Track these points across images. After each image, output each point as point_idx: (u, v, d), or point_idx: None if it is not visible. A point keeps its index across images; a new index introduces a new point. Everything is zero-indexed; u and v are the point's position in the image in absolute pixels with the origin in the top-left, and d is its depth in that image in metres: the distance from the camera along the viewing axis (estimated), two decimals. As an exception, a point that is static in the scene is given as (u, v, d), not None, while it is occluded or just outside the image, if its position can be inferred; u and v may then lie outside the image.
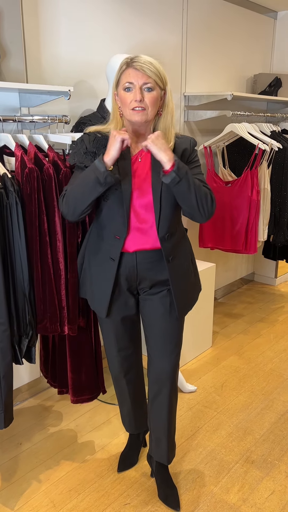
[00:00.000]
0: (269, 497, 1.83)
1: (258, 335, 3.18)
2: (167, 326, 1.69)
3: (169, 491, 1.83)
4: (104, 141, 1.52)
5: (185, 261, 1.67)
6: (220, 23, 3.17)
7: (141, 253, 1.58)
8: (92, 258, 1.67)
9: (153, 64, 1.42)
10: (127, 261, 1.59)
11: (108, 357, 1.83)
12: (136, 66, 1.41)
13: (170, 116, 1.51)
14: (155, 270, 1.61)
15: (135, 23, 2.56)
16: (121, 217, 1.53)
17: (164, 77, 1.46)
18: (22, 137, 1.82)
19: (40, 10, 2.10)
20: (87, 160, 1.53)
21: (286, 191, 3.02)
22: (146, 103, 1.43)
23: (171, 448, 1.83)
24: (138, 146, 1.56)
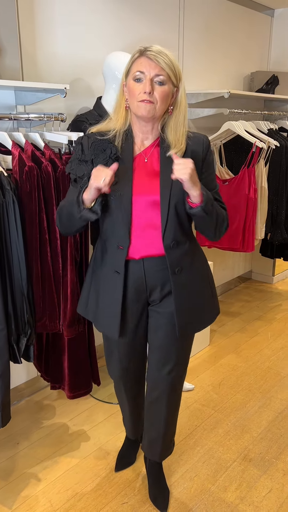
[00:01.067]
0: (267, 495, 1.83)
1: (255, 333, 3.18)
2: (169, 344, 1.56)
3: (158, 492, 1.78)
4: (102, 145, 1.41)
5: (198, 277, 1.53)
6: (217, 21, 3.16)
7: (149, 260, 1.45)
8: (98, 274, 1.54)
9: (168, 56, 1.31)
10: (134, 270, 1.47)
11: (109, 365, 1.72)
12: (149, 55, 1.30)
13: (183, 116, 1.40)
14: (165, 279, 1.48)
15: (132, 20, 2.55)
16: (123, 223, 1.41)
17: (178, 72, 1.35)
18: (18, 135, 1.81)
19: (36, 7, 2.09)
20: (80, 170, 1.42)
21: (283, 189, 3.02)
22: (155, 97, 1.32)
23: (165, 448, 1.77)
24: (144, 143, 1.45)
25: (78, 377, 2.04)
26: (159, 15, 2.71)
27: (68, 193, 1.50)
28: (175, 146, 1.41)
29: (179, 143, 1.41)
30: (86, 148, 1.43)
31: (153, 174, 1.43)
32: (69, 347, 2.00)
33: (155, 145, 1.45)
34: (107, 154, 1.40)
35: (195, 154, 1.43)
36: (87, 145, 1.43)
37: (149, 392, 1.68)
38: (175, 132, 1.41)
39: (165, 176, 1.40)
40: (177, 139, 1.41)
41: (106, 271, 1.51)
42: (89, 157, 1.41)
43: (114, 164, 1.31)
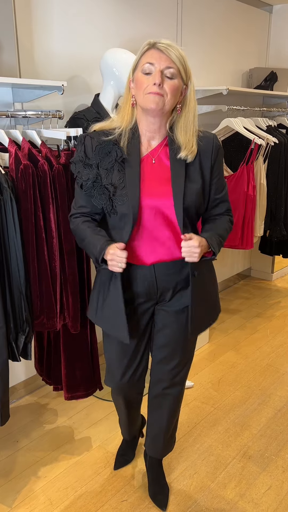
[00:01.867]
0: (266, 492, 1.83)
1: (254, 331, 3.18)
2: (175, 342, 1.55)
3: (158, 490, 1.79)
4: (107, 148, 1.35)
5: (209, 277, 1.55)
6: (215, 17, 3.14)
7: (160, 265, 1.43)
8: (103, 278, 1.50)
9: (179, 51, 1.28)
10: (144, 274, 1.44)
11: (110, 371, 1.65)
12: (160, 47, 1.26)
13: (192, 115, 1.35)
14: (177, 281, 1.47)
15: (130, 17, 2.54)
16: (128, 228, 1.37)
17: (188, 69, 1.31)
18: (15, 133, 1.80)
19: (33, 4, 2.07)
20: (86, 174, 1.38)
21: (282, 186, 3.01)
22: (165, 89, 1.27)
23: (167, 445, 1.78)
24: (151, 144, 1.40)
25: (75, 378, 2.03)
26: (157, 11, 2.70)
27: (76, 196, 1.48)
28: (186, 148, 1.36)
29: (189, 144, 1.36)
30: (90, 150, 1.38)
31: (163, 177, 1.37)
32: (65, 346, 1.99)
33: (163, 145, 1.40)
34: (112, 157, 1.36)
35: (204, 155, 1.40)
36: (91, 146, 1.38)
37: (153, 388, 1.66)
38: (185, 132, 1.36)
39: (177, 180, 1.36)
40: (187, 140, 1.36)
41: (109, 275, 1.47)
42: (94, 161, 1.37)
43: (122, 247, 1.32)
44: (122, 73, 2.07)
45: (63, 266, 1.81)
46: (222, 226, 1.49)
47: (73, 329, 1.90)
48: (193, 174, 1.39)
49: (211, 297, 1.59)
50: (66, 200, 1.75)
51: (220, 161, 1.45)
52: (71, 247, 1.82)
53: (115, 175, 1.36)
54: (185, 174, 1.37)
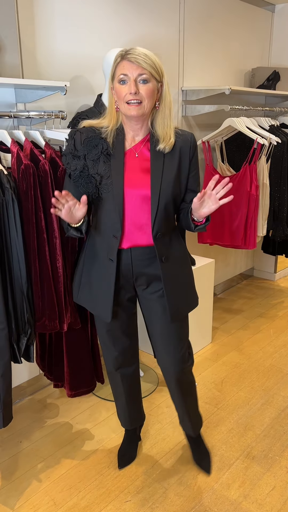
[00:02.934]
0: (270, 493, 1.82)
1: (257, 331, 3.17)
2: (166, 326, 1.67)
3: (202, 456, 1.95)
4: (94, 141, 1.49)
5: (181, 265, 1.65)
6: (218, 17, 3.14)
7: (136, 249, 1.56)
8: (91, 262, 1.64)
9: (148, 55, 1.39)
10: (122, 258, 1.58)
11: (103, 353, 1.82)
12: (130, 58, 1.38)
13: (168, 109, 1.48)
14: (151, 267, 1.60)
15: (132, 17, 2.53)
16: (116, 215, 1.51)
17: (160, 69, 1.43)
18: (18, 133, 1.81)
19: (36, 4, 2.07)
20: (74, 164, 1.50)
21: (285, 185, 3.00)
22: (142, 95, 1.40)
23: (195, 423, 1.91)
24: (135, 139, 1.52)
25: (78, 375, 2.04)
26: (159, 11, 2.69)
27: (64, 185, 1.61)
28: (164, 140, 1.49)
29: (167, 137, 1.49)
30: (79, 143, 1.51)
31: (144, 169, 1.51)
32: (68, 344, 1.99)
33: (145, 140, 1.53)
34: (99, 150, 1.49)
35: (183, 151, 1.53)
36: (80, 140, 1.51)
37: (164, 376, 1.80)
38: (163, 126, 1.48)
39: (156, 171, 1.49)
40: (165, 132, 1.49)
41: (99, 258, 1.61)
42: (82, 152, 1.50)
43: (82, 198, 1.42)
44: (124, 73, 2.07)
45: (66, 265, 1.81)
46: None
47: (74, 325, 1.90)
48: (171, 165, 1.52)
49: (187, 282, 1.69)
50: None
51: (196, 156, 1.59)
52: (74, 246, 1.82)
53: (100, 166, 1.49)
54: (162, 166, 1.51)
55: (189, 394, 1.85)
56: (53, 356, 2.10)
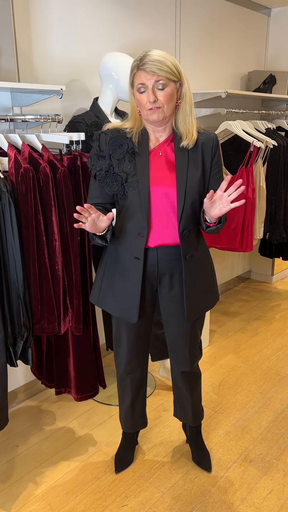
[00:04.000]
0: (268, 496, 1.82)
1: (255, 333, 3.17)
2: (182, 325, 1.70)
3: (202, 455, 1.98)
4: (120, 141, 1.52)
5: (204, 264, 1.67)
6: (214, 21, 3.15)
7: (163, 248, 1.57)
8: (114, 264, 1.64)
9: (161, 61, 1.41)
10: (149, 257, 1.58)
11: (116, 355, 1.83)
12: (145, 68, 1.41)
13: (189, 106, 1.50)
14: (176, 268, 1.60)
15: (128, 21, 2.54)
16: (142, 213, 1.52)
17: (176, 69, 1.44)
18: (14, 137, 1.81)
19: (31, 8, 2.08)
20: (100, 165, 1.53)
21: (281, 188, 3.01)
22: (160, 101, 1.43)
23: (196, 413, 1.94)
24: (159, 139, 1.55)
25: (84, 378, 2.04)
26: (155, 15, 2.70)
27: (90, 187, 1.62)
28: (187, 137, 1.52)
29: (190, 134, 1.51)
30: (104, 144, 1.54)
31: (169, 167, 1.53)
32: (74, 348, 1.99)
33: (169, 140, 1.56)
34: (124, 149, 1.52)
35: (206, 148, 1.56)
36: (105, 141, 1.54)
37: (172, 370, 1.87)
38: (184, 123, 1.51)
39: (181, 168, 1.51)
40: (187, 129, 1.51)
41: (124, 259, 1.61)
42: (107, 152, 1.53)
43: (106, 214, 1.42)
44: (120, 77, 2.08)
45: (68, 268, 1.81)
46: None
47: (76, 331, 1.90)
48: (195, 162, 1.54)
49: (207, 282, 1.70)
50: (72, 202, 1.76)
51: (219, 155, 1.61)
52: (77, 248, 1.82)
53: (126, 164, 1.52)
54: (187, 162, 1.52)
55: (195, 387, 1.90)
56: (54, 362, 2.09)
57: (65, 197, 1.73)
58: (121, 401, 1.94)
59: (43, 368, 2.14)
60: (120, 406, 1.96)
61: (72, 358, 2.01)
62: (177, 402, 1.96)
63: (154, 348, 2.42)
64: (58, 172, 1.72)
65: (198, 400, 1.95)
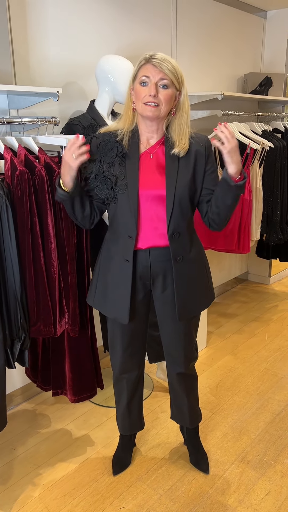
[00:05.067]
0: (265, 498, 1.82)
1: (252, 335, 3.18)
2: (176, 325, 1.71)
3: (200, 457, 1.98)
4: (110, 145, 1.54)
5: (196, 265, 1.67)
6: (210, 23, 3.16)
7: (155, 250, 1.59)
8: (107, 265, 1.66)
9: (171, 63, 1.44)
10: (141, 259, 1.60)
11: (112, 356, 1.84)
12: (154, 62, 1.42)
13: (185, 117, 1.53)
14: (170, 269, 1.61)
15: (125, 24, 2.55)
16: (131, 215, 1.54)
17: (181, 77, 1.47)
18: (11, 140, 1.81)
19: (28, 11, 2.08)
20: (90, 168, 1.55)
21: (278, 190, 3.02)
22: (160, 99, 1.44)
23: (193, 415, 1.94)
24: (150, 142, 1.56)
25: (81, 380, 2.04)
26: (152, 18, 2.71)
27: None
28: (179, 145, 1.53)
29: (182, 142, 1.53)
30: (95, 147, 1.56)
31: (159, 170, 1.55)
32: (70, 349, 1.99)
33: (160, 143, 1.57)
34: (114, 152, 1.54)
35: (199, 153, 1.57)
36: (96, 145, 1.56)
37: (170, 371, 1.86)
38: (179, 132, 1.53)
39: (171, 172, 1.53)
40: (180, 138, 1.53)
41: (115, 260, 1.63)
42: (98, 156, 1.55)
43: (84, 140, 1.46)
44: (117, 80, 2.08)
45: (64, 270, 1.81)
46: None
47: (72, 333, 1.90)
48: (186, 168, 1.55)
49: (200, 283, 1.70)
50: None
51: (212, 157, 1.62)
52: (73, 251, 1.82)
53: (116, 168, 1.54)
54: (178, 166, 1.54)
55: (191, 389, 1.90)
56: (51, 364, 2.09)
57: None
58: (117, 402, 1.94)
59: (39, 370, 2.14)
60: (116, 408, 1.96)
61: (67, 359, 2.01)
62: (174, 404, 1.96)
63: (151, 350, 2.42)
64: (54, 174, 1.72)
65: (195, 402, 1.95)
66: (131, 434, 2.01)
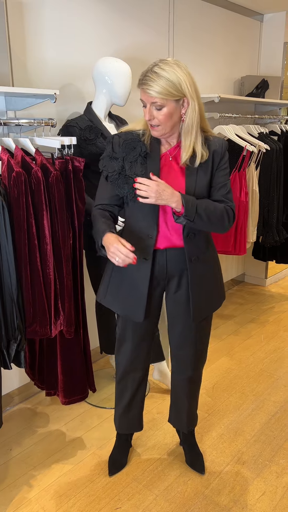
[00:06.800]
0: (260, 498, 1.83)
1: (248, 336, 3.19)
2: (188, 326, 1.72)
3: (195, 457, 1.99)
4: (133, 144, 1.55)
5: (210, 265, 1.68)
6: (207, 26, 3.18)
7: (172, 250, 1.60)
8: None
9: (159, 82, 1.39)
10: (158, 258, 1.61)
11: (119, 354, 1.84)
12: (144, 88, 1.43)
13: (191, 127, 1.48)
14: (184, 270, 1.63)
15: (122, 26, 2.56)
16: (152, 215, 1.55)
17: (179, 87, 1.42)
18: (8, 141, 1.81)
19: (25, 12, 2.09)
20: (112, 167, 1.56)
21: (274, 192, 3.04)
22: (157, 120, 1.46)
23: (189, 420, 1.94)
24: (170, 144, 1.57)
25: (72, 382, 2.04)
26: (149, 20, 2.73)
27: (99, 188, 1.65)
28: (183, 151, 1.52)
29: (188, 148, 1.51)
30: (117, 146, 1.56)
31: (178, 172, 1.56)
32: (62, 351, 1.99)
33: (179, 146, 1.57)
34: (137, 152, 1.54)
35: (216, 153, 1.57)
36: (118, 143, 1.56)
37: (174, 372, 1.86)
38: (185, 138, 1.51)
39: (190, 174, 1.54)
40: (186, 144, 1.51)
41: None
42: (120, 154, 1.55)
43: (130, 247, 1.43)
44: (114, 82, 2.09)
45: (59, 272, 1.82)
46: (213, 202, 1.56)
47: (67, 334, 1.91)
48: (205, 168, 1.56)
49: (214, 283, 1.71)
50: (64, 206, 1.77)
51: (227, 157, 1.61)
52: (69, 252, 1.83)
53: (138, 167, 1.54)
54: (196, 169, 1.55)
55: (194, 394, 1.90)
56: (45, 364, 2.09)
57: (57, 201, 1.74)
58: (118, 401, 1.93)
59: (36, 369, 2.14)
60: (116, 407, 1.96)
61: (59, 361, 2.01)
62: (173, 408, 1.96)
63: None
64: (50, 176, 1.72)
65: (195, 408, 1.96)
66: (128, 434, 2.01)
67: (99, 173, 2.24)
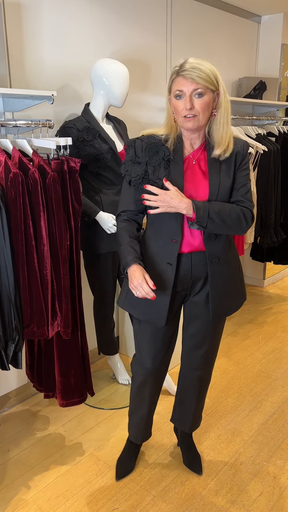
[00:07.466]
0: (258, 499, 1.83)
1: (246, 337, 3.19)
2: (204, 329, 1.72)
3: (193, 458, 1.99)
4: (156, 148, 1.53)
5: (231, 267, 1.67)
6: (205, 28, 3.19)
7: (196, 254, 1.59)
8: (145, 269, 1.61)
9: (202, 69, 1.42)
10: (183, 263, 1.60)
11: (136, 364, 1.81)
12: (185, 74, 1.41)
13: (224, 117, 1.49)
14: (207, 271, 1.62)
15: (120, 27, 2.57)
16: (176, 220, 1.54)
17: (215, 79, 1.45)
18: (5, 142, 1.82)
19: (23, 14, 2.10)
20: (134, 171, 1.55)
21: (271, 193, 3.04)
22: (197, 109, 1.44)
23: (195, 421, 1.95)
24: (193, 147, 1.56)
25: (70, 384, 2.03)
26: (147, 22, 2.73)
27: (122, 193, 1.65)
28: (219, 147, 1.51)
29: (224, 143, 1.51)
30: (140, 150, 1.55)
31: (201, 175, 1.55)
32: (59, 353, 1.99)
33: (202, 148, 1.57)
34: (160, 156, 1.53)
35: (238, 154, 1.56)
36: (140, 147, 1.55)
37: (184, 372, 1.86)
38: (219, 133, 1.50)
39: (213, 177, 1.54)
40: (220, 138, 1.50)
41: (155, 265, 1.62)
42: (143, 159, 1.54)
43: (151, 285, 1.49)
44: (112, 83, 2.10)
45: (57, 272, 1.82)
46: (229, 205, 1.56)
47: (65, 335, 1.91)
48: (227, 172, 1.55)
49: (234, 283, 1.70)
50: (61, 207, 1.77)
51: (248, 158, 1.61)
52: (66, 253, 1.83)
53: (161, 171, 1.53)
54: (219, 171, 1.54)
55: (202, 394, 1.90)
56: (43, 366, 2.09)
57: (54, 202, 1.74)
58: (134, 410, 1.90)
59: (35, 371, 2.14)
60: (133, 415, 1.92)
61: (57, 363, 2.00)
62: (179, 408, 1.95)
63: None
64: (47, 177, 1.73)
65: (201, 409, 1.95)
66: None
67: (97, 174, 2.25)
